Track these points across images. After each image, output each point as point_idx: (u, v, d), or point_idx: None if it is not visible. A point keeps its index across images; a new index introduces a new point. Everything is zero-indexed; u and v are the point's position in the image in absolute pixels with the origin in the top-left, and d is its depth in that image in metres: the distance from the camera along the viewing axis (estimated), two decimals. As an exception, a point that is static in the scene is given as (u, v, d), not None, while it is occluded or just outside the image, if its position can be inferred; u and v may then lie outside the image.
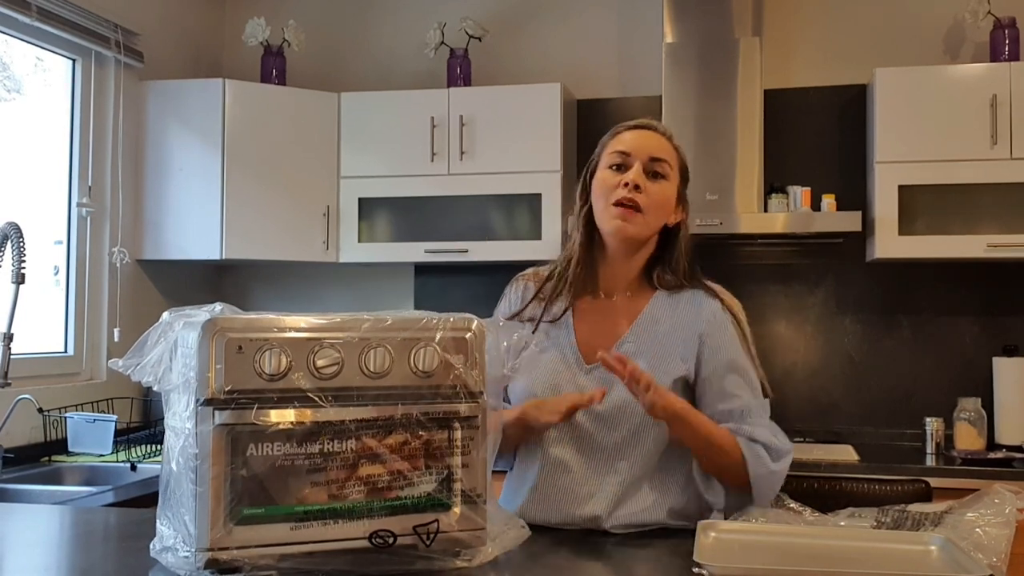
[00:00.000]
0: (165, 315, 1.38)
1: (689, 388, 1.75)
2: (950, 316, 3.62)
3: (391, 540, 1.31)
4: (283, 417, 1.28)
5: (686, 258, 1.80)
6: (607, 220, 1.74)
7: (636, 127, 1.80)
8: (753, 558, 1.41)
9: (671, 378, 1.72)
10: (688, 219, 1.81)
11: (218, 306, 1.33)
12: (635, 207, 1.71)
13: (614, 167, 1.75)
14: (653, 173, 1.74)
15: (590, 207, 1.79)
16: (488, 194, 3.68)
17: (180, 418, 1.32)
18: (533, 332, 1.78)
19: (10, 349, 2.64)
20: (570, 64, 3.94)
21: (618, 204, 1.72)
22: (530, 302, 1.83)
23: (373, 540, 1.31)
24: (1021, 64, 3.30)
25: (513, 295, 1.89)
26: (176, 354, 1.33)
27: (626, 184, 1.71)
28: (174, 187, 3.65)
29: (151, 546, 1.37)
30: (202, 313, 1.31)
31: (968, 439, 3.25)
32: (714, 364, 1.74)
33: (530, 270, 1.92)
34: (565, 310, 1.79)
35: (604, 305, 1.80)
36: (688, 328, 1.75)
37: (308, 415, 1.29)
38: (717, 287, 1.82)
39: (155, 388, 1.37)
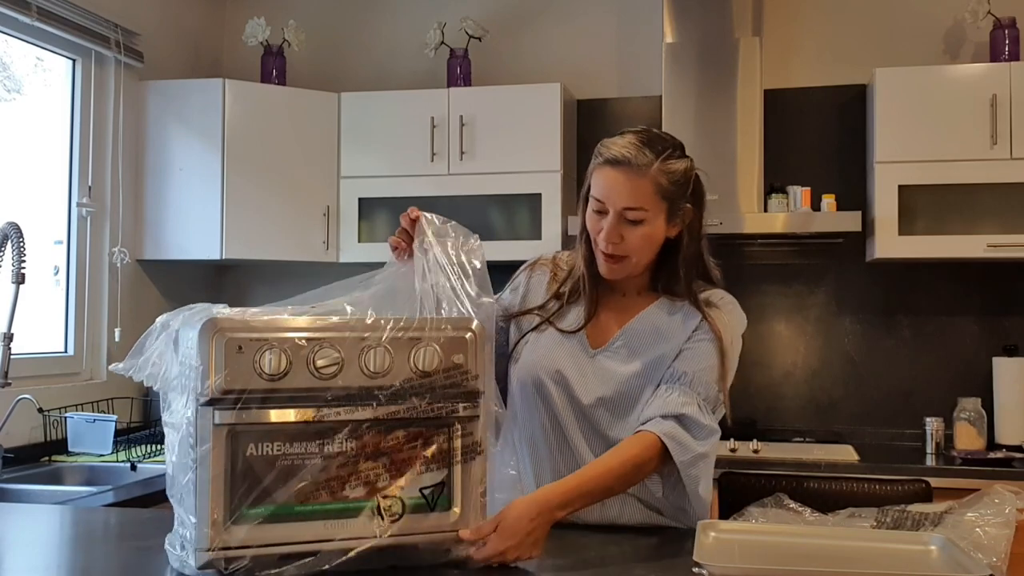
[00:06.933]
0: (159, 320, 1.39)
1: None
2: (950, 316, 3.62)
3: (399, 509, 1.33)
4: (283, 417, 1.29)
5: (690, 266, 1.76)
6: (598, 262, 1.75)
7: (612, 162, 1.69)
8: (753, 558, 1.41)
9: (655, 372, 1.72)
10: (691, 226, 1.74)
11: (198, 306, 1.34)
12: (618, 257, 1.72)
13: (595, 209, 1.73)
14: (629, 220, 1.69)
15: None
16: (488, 194, 3.68)
17: (178, 416, 1.32)
18: (536, 327, 1.81)
19: (10, 349, 2.64)
20: (570, 64, 3.94)
21: (603, 251, 1.72)
22: (549, 300, 1.84)
23: (381, 512, 1.32)
24: (1021, 64, 3.30)
25: (528, 283, 1.89)
26: (177, 353, 1.34)
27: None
28: (174, 187, 3.65)
29: (167, 540, 1.38)
30: (197, 314, 1.32)
31: (968, 439, 3.25)
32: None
33: (549, 258, 1.91)
34: (584, 324, 1.79)
35: (615, 300, 1.81)
36: (673, 343, 1.74)
37: (308, 415, 1.30)
38: (715, 301, 1.77)
39: (155, 387, 1.37)
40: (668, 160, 1.69)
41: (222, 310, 1.32)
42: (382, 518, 1.33)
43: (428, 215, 1.57)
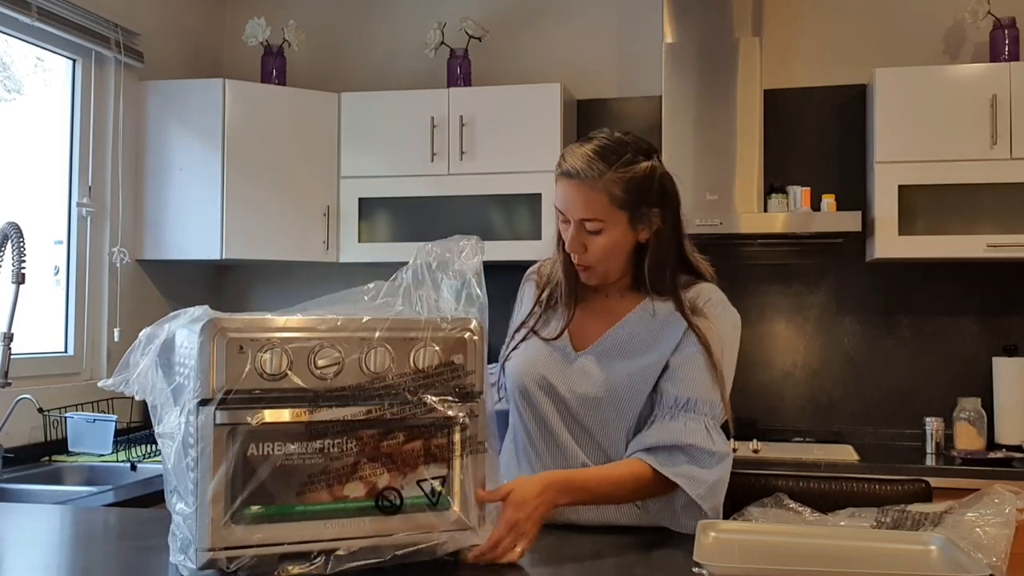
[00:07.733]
0: (143, 334, 1.39)
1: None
2: (950, 316, 3.62)
3: (397, 500, 1.33)
4: (283, 417, 1.29)
5: (665, 269, 1.73)
6: (575, 267, 1.77)
7: (566, 175, 1.70)
8: (753, 558, 1.41)
9: (640, 383, 1.71)
10: (660, 230, 1.71)
11: (187, 310, 1.34)
12: (585, 267, 1.74)
13: (560, 220, 1.75)
14: (588, 231, 1.70)
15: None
16: (488, 194, 3.68)
17: (172, 426, 1.32)
18: (524, 337, 1.84)
19: (10, 349, 2.64)
20: (570, 64, 3.94)
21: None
22: (534, 307, 1.86)
23: (380, 503, 1.32)
24: (1021, 64, 3.30)
25: (521, 299, 1.93)
26: (164, 365, 1.34)
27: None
28: (174, 187, 3.65)
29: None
30: (185, 320, 1.32)
31: (968, 439, 3.25)
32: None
33: (536, 266, 1.94)
34: (561, 331, 1.79)
35: (599, 301, 1.82)
36: (658, 352, 1.72)
37: (308, 415, 1.30)
38: (701, 307, 1.73)
39: (148, 400, 1.37)
40: (623, 168, 1.67)
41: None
42: (382, 517, 1.33)
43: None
